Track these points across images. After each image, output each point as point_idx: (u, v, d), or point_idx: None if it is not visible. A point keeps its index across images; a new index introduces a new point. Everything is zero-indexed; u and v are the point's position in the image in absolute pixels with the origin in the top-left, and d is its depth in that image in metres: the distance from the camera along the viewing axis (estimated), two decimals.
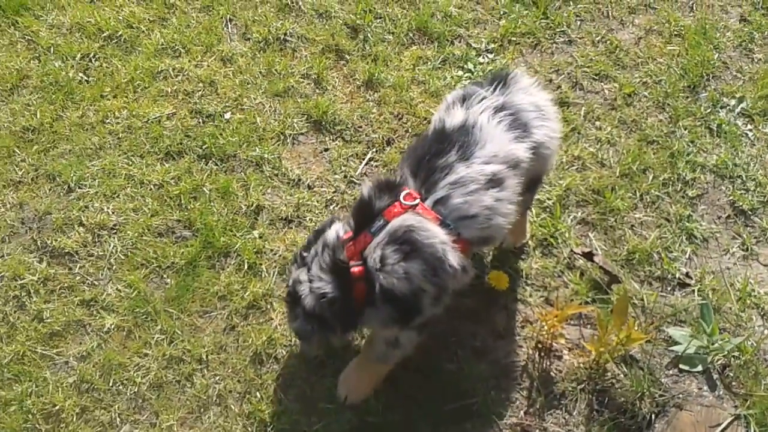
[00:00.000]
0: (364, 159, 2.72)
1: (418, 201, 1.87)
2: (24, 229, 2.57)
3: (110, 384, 2.26)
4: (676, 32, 3.09)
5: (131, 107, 2.83)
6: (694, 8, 3.18)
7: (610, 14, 3.15)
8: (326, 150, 2.76)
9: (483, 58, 3.01)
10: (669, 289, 2.42)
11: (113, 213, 2.59)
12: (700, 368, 2.17)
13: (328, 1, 3.13)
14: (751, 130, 2.81)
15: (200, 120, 2.82)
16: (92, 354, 2.32)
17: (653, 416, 2.09)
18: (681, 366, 2.18)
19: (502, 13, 3.13)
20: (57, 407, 2.20)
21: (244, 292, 2.41)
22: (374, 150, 2.75)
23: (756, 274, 2.46)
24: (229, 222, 2.56)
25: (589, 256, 2.43)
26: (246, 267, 2.46)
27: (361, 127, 2.81)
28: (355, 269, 1.84)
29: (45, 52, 2.98)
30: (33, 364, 2.29)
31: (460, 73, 2.96)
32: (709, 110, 2.85)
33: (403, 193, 1.88)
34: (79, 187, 2.65)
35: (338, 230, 1.93)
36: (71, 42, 3.00)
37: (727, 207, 2.62)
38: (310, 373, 2.25)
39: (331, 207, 2.61)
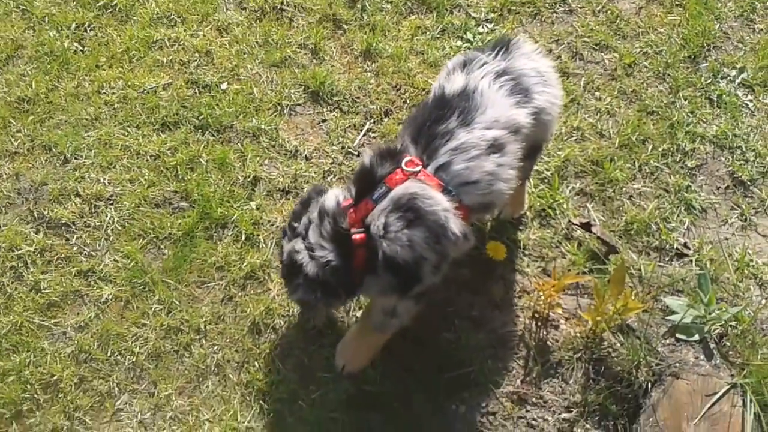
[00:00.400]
0: (361, 130, 2.67)
1: (420, 168, 1.82)
2: (20, 199, 2.52)
3: (108, 354, 2.23)
4: (677, 2, 3.01)
5: (127, 77, 2.76)
6: None
7: None
8: (324, 121, 2.70)
9: (482, 27, 2.93)
10: (667, 259, 2.39)
11: (110, 184, 2.54)
12: (696, 337, 2.14)
13: None
14: (751, 101, 2.75)
15: (196, 90, 2.75)
16: (90, 324, 2.29)
17: (649, 385, 2.07)
18: (678, 335, 2.15)
19: None
20: (55, 377, 2.18)
21: (242, 263, 2.37)
22: (372, 121, 2.69)
23: (754, 244, 2.42)
24: (226, 193, 2.51)
25: (587, 226, 2.39)
26: (243, 238, 2.42)
27: (358, 97, 2.74)
28: (357, 236, 1.80)
29: (40, 22, 2.90)
30: (31, 334, 2.26)
31: (459, 43, 2.88)
32: (709, 81, 2.78)
33: (404, 160, 1.83)
34: (75, 158, 2.59)
35: (338, 197, 1.88)
36: (66, 11, 2.92)
37: (726, 178, 2.57)
38: (308, 343, 2.22)
39: (329, 178, 2.56)
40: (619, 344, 2.15)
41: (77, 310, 2.32)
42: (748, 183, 2.55)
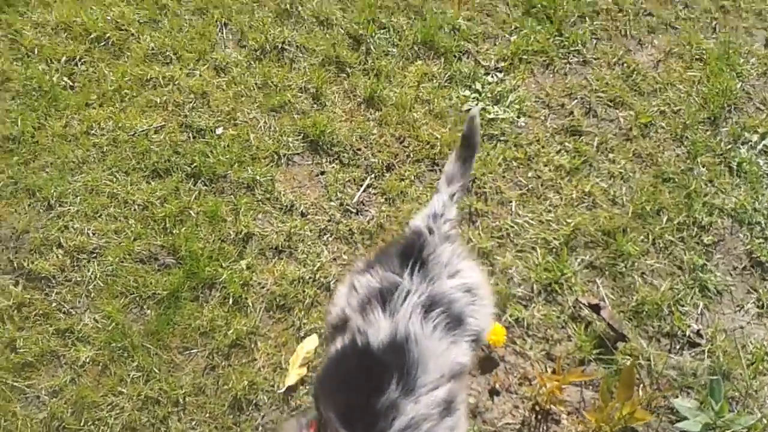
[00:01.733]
0: (361, 185, 2.43)
1: None
2: (0, 247, 2.30)
3: (81, 423, 2.02)
4: (697, 56, 2.74)
5: (117, 118, 2.52)
6: (717, 29, 2.83)
7: (628, 33, 2.81)
8: (322, 173, 2.46)
9: (492, 77, 2.68)
10: (678, 347, 2.16)
11: (94, 235, 2.31)
12: None
13: (329, 7, 2.79)
14: None
15: (190, 135, 2.51)
16: (65, 389, 2.07)
17: None
18: None
19: (513, 27, 2.78)
20: None
21: (228, 329, 2.15)
22: (373, 176, 2.45)
23: None
24: (215, 250, 2.28)
25: (596, 308, 2.16)
26: (231, 301, 2.20)
27: (360, 149, 2.50)
28: None
29: (28, 54, 2.65)
30: (2, 396, 2.06)
31: (467, 93, 2.63)
32: (729, 146, 2.53)
33: None
34: (60, 205, 2.37)
35: None
36: (56, 43, 2.67)
37: (744, 257, 2.33)
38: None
39: (325, 237, 2.33)
40: None
41: (53, 372, 2.11)
42: (767, 264, 2.31)
